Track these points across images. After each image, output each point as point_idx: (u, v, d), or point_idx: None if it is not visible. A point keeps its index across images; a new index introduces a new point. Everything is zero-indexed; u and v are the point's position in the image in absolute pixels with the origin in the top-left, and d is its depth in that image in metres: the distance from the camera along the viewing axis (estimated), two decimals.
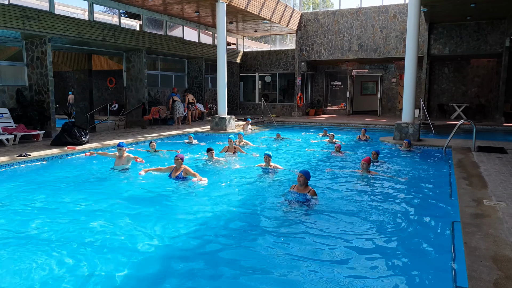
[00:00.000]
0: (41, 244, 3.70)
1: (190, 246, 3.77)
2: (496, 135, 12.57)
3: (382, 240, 3.96)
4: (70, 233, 4.01)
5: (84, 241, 3.79)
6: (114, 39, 11.82)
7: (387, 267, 3.36)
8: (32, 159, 7.29)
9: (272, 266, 3.34)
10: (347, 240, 3.95)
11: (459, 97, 16.91)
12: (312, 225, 4.32)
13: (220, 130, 12.57)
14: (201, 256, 3.57)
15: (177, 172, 6.03)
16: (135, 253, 3.57)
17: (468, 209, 4.25)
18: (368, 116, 18.33)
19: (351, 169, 6.94)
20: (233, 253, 3.67)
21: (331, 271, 3.27)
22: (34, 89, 10.14)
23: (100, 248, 3.66)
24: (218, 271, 3.29)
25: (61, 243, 3.75)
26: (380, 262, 3.45)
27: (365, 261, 3.47)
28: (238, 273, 3.25)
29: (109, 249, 3.64)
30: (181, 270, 3.31)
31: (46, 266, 3.28)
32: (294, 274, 3.21)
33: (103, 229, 4.14)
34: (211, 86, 18.29)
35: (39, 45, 9.85)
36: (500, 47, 14.55)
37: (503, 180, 5.48)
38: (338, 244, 3.84)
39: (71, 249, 3.60)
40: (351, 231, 4.17)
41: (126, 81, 13.62)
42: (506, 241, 3.36)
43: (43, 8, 9.95)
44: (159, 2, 12.23)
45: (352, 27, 16.95)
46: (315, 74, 19.88)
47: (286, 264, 3.39)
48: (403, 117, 10.44)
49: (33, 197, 5.24)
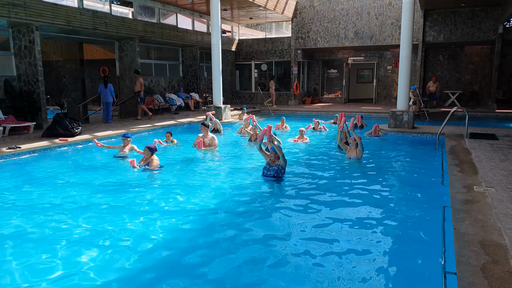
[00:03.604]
0: (28, 240, 3.67)
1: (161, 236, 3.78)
2: (488, 121, 12.64)
3: (371, 224, 4.00)
4: (60, 227, 3.99)
5: (74, 236, 3.79)
6: (105, 27, 11.60)
7: (376, 252, 3.39)
8: (23, 151, 7.20)
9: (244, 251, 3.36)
10: (333, 223, 3.99)
11: (453, 84, 16.91)
12: (289, 205, 4.40)
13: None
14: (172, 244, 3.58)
15: (146, 161, 6.30)
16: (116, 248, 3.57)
17: (459, 195, 4.29)
18: (364, 104, 18.32)
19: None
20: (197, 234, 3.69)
21: (314, 253, 3.30)
22: (23, 79, 9.95)
23: (84, 243, 3.65)
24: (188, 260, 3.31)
25: (51, 238, 3.74)
26: (369, 246, 3.48)
27: (353, 245, 3.50)
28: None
29: (92, 244, 3.63)
30: (153, 255, 3.32)
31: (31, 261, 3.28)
32: (264, 255, 3.23)
33: (86, 223, 4.13)
34: (206, 75, 18.12)
35: (26, 34, 9.63)
36: (493, 34, 14.50)
37: (493, 166, 5.53)
38: (325, 227, 3.88)
39: (58, 244, 3.59)
40: (338, 216, 4.21)
41: (119, 71, 13.43)
42: (494, 226, 3.39)
43: None
44: None
45: (348, 14, 16.77)
46: (311, 62, 19.73)
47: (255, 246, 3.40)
48: (397, 104, 10.43)
49: (22, 191, 5.20)
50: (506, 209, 3.74)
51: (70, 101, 13.39)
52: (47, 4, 9.82)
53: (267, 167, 5.55)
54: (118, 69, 13.46)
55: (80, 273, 3.03)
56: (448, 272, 2.90)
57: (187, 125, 11.80)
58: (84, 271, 3.05)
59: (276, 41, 18.98)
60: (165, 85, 15.73)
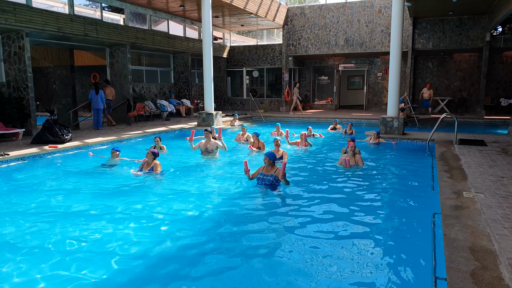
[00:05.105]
0: (17, 248, 3.60)
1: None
2: (477, 127, 12.86)
3: (362, 230, 4.01)
4: (51, 235, 3.92)
5: (66, 242, 3.71)
6: (97, 33, 11.55)
7: (366, 258, 3.39)
8: (11, 158, 7.07)
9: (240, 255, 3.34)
10: (324, 229, 4.00)
11: (442, 91, 17.19)
12: (283, 211, 4.39)
13: (207, 126, 12.47)
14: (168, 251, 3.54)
15: (149, 167, 6.30)
16: (112, 255, 3.52)
17: (449, 201, 4.33)
18: (355, 110, 18.49)
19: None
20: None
21: (306, 261, 3.29)
22: (12, 85, 9.82)
23: (81, 251, 3.58)
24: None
25: (40, 247, 3.66)
26: (360, 253, 3.48)
27: (343, 250, 3.50)
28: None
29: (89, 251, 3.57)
30: (156, 262, 3.28)
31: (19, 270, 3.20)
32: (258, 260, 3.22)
33: (80, 229, 4.06)
34: (198, 82, 18.11)
35: (16, 40, 9.53)
36: (481, 42, 14.83)
37: (482, 172, 5.61)
38: (316, 232, 3.89)
39: (49, 252, 3.52)
40: (328, 221, 4.22)
41: (110, 77, 13.35)
42: (484, 232, 3.43)
43: (19, 1, 9.61)
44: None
45: (338, 21, 17.00)
46: (302, 69, 19.90)
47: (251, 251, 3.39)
48: (388, 111, 10.55)
49: (10, 198, 5.09)
50: (495, 214, 3.79)
51: (60, 107, 13.24)
52: (37, 10, 9.75)
53: (261, 177, 5.47)
54: (109, 75, 13.38)
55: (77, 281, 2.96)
56: (439, 277, 2.92)
57: (178, 131, 11.75)
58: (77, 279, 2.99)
59: (267, 48, 19.11)
60: (157, 92, 15.68)
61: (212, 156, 7.73)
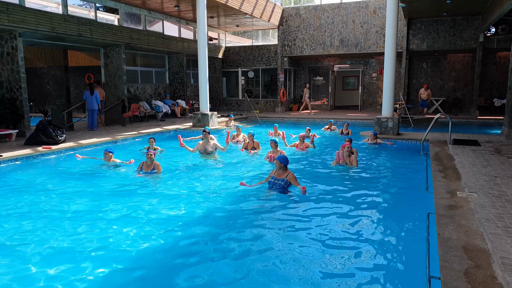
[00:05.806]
0: (8, 249, 3.56)
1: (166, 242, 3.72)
2: (471, 128, 12.97)
3: (357, 230, 4.02)
4: (47, 236, 3.88)
5: (62, 243, 3.68)
6: (91, 34, 11.47)
7: (361, 258, 3.40)
8: (4, 159, 7.00)
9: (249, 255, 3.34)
10: (322, 229, 4.01)
11: (436, 91, 17.32)
12: (290, 212, 4.38)
13: (202, 127, 12.44)
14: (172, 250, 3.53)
15: (149, 168, 6.37)
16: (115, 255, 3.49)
17: (443, 200, 4.36)
18: (350, 110, 18.56)
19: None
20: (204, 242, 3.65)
21: (303, 259, 3.30)
22: (5, 86, 9.73)
23: (79, 249, 3.55)
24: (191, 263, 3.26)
25: (34, 248, 3.62)
26: (354, 252, 3.50)
27: (339, 251, 3.51)
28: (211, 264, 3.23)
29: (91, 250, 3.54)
30: (160, 260, 3.26)
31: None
32: (267, 262, 3.21)
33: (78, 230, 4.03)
34: (193, 82, 18.07)
35: (9, 40, 9.44)
36: (474, 43, 14.97)
37: (475, 172, 5.65)
38: (312, 233, 3.90)
39: (44, 254, 3.49)
40: (323, 221, 4.23)
41: (105, 78, 13.28)
42: (477, 231, 3.46)
43: (12, 1, 9.52)
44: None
45: (333, 22, 17.06)
46: (298, 69, 19.93)
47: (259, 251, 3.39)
48: (382, 111, 10.60)
49: (3, 200, 5.04)
50: (488, 214, 3.82)
51: (54, 108, 13.12)
52: (31, 10, 9.66)
53: (273, 181, 5.32)
54: (103, 76, 13.30)
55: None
56: (433, 276, 2.93)
57: (173, 132, 11.71)
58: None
59: (262, 49, 19.12)
60: (151, 92, 15.62)
61: (211, 156, 7.71)
